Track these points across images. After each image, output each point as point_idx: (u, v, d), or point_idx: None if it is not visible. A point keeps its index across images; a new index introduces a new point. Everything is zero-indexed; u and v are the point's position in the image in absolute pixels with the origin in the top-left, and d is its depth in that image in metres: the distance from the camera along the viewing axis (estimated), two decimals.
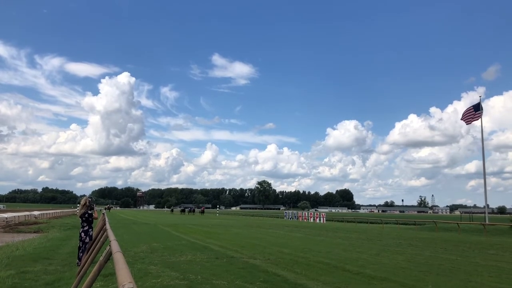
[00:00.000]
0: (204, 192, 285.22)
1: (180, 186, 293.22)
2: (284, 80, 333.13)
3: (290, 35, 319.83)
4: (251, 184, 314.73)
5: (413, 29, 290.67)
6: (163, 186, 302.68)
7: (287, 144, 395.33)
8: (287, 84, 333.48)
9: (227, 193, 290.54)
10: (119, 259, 2.95)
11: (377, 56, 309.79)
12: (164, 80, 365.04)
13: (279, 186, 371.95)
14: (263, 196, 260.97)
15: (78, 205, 26.16)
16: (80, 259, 10.83)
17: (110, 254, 3.77)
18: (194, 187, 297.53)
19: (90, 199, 11.91)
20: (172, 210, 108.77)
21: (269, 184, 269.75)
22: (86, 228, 11.23)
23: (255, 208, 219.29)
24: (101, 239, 7.01)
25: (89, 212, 11.42)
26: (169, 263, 11.55)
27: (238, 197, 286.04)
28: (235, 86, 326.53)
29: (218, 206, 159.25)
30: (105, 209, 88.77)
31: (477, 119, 43.70)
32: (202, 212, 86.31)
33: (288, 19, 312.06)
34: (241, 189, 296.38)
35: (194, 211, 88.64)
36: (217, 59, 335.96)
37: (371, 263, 12.70)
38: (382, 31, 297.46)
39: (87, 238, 11.07)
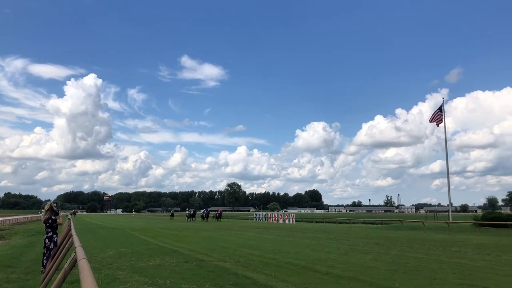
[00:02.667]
0: (173, 195, 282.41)
1: (148, 190, 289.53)
2: (254, 82, 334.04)
3: (259, 37, 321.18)
4: (221, 186, 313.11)
5: (379, 32, 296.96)
6: (131, 189, 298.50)
7: (257, 146, 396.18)
8: (257, 86, 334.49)
9: (197, 195, 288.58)
10: (84, 266, 2.89)
11: (344, 58, 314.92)
12: (131, 82, 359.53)
13: (249, 188, 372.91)
14: (233, 198, 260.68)
15: (42, 210, 25.47)
16: (44, 266, 10.53)
17: (75, 261, 3.68)
18: (163, 190, 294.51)
19: (55, 204, 11.60)
20: (172, 215, 78.25)
21: (239, 186, 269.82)
22: (50, 234, 10.92)
23: (225, 210, 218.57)
24: (66, 245, 6.84)
25: (53, 217, 11.11)
26: (137, 268, 11.37)
27: (208, 199, 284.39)
28: (204, 88, 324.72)
29: (187, 209, 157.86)
30: (71, 214, 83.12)
31: (439, 121, 45.11)
32: (219, 217, 62.01)
33: (258, 21, 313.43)
34: (211, 192, 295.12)
35: (207, 216, 62.23)
36: (186, 60, 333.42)
37: (340, 262, 12.86)
38: (350, 34, 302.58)
39: (52, 244, 10.76)
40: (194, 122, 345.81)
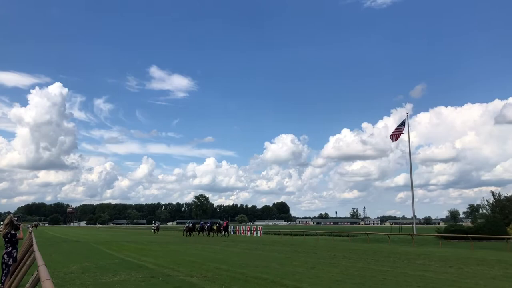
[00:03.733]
0: (139, 208, 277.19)
1: (113, 202, 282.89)
2: (223, 93, 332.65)
3: (229, 48, 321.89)
4: (189, 198, 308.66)
5: (346, 48, 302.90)
6: (95, 201, 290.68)
7: (225, 158, 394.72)
8: (226, 97, 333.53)
9: (163, 208, 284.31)
10: None
11: (312, 72, 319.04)
12: (98, 91, 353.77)
13: (217, 200, 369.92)
14: (201, 211, 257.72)
15: (1, 223, 24.40)
16: (3, 284, 10.10)
17: (37, 281, 3.55)
18: (129, 202, 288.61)
19: (16, 218, 11.18)
20: (157, 229, 68.37)
21: (206, 198, 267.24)
22: (9, 249, 10.48)
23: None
24: (27, 262, 6.59)
25: (13, 232, 10.70)
26: (101, 284, 11.07)
27: (174, 212, 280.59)
28: (173, 99, 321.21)
29: (153, 221, 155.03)
30: (32, 226, 79.50)
31: (402, 134, 46.49)
32: (226, 230, 52.12)
33: (227, 33, 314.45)
34: (178, 204, 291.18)
35: (211, 229, 53.26)
36: (155, 71, 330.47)
37: (307, 276, 12.89)
38: (318, 49, 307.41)
39: (11, 260, 10.33)
40: (162, 133, 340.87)
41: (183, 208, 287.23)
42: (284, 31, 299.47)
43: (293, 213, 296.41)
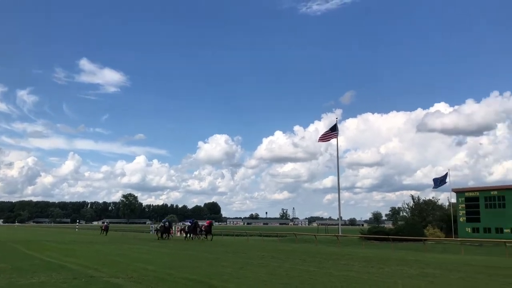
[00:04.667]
0: (63, 205, 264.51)
1: (35, 199, 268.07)
2: (157, 90, 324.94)
3: (164, 45, 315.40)
4: (116, 197, 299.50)
5: (280, 53, 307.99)
6: (15, 198, 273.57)
7: (156, 156, 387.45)
8: (160, 94, 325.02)
9: (89, 206, 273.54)
10: None
11: (248, 74, 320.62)
12: (22, 82, 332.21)
13: (147, 200, 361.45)
14: (129, 210, 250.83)
15: None
16: None
17: None
18: (52, 200, 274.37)
19: None
20: (105, 230, 56.95)
21: (135, 197, 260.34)
22: None
23: (120, 223, 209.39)
24: None
25: None
26: (17, 287, 10.42)
27: (101, 210, 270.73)
28: (103, 94, 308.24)
29: (78, 220, 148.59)
30: None
31: (334, 138, 48.17)
32: (209, 231, 41.27)
33: (162, 29, 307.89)
34: (105, 202, 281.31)
35: (195, 230, 41.83)
36: (85, 63, 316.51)
37: (235, 277, 12.94)
38: (253, 51, 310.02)
39: None
40: (90, 128, 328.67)
41: (110, 207, 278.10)
42: (220, 32, 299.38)
43: (224, 213, 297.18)
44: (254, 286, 11.27)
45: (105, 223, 57.40)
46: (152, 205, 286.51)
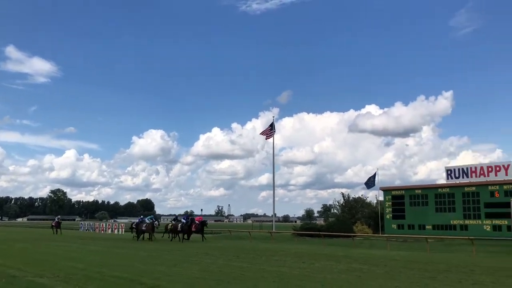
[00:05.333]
0: None
1: None
2: (90, 81, 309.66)
3: (98, 34, 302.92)
4: (44, 192, 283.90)
5: (219, 49, 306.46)
6: None
7: (88, 151, 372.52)
8: (93, 86, 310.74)
9: (13, 202, 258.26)
10: None
11: (186, 69, 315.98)
12: None
13: (76, 195, 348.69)
14: (57, 206, 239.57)
15: None
16: None
17: None
18: None
19: None
20: (57, 226, 47.04)
21: (64, 193, 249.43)
22: None
23: (47, 219, 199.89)
24: None
25: None
26: None
27: (26, 207, 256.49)
28: (32, 84, 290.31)
29: (0, 217, 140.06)
30: None
31: (271, 137, 48.75)
32: (201, 230, 34.26)
33: (97, 17, 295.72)
34: (31, 198, 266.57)
35: (189, 228, 33.70)
36: (12, 51, 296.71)
37: (167, 274, 12.80)
38: (192, 46, 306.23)
39: None
40: (16, 120, 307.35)
41: (36, 203, 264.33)
42: (158, 25, 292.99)
43: (158, 210, 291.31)
44: (186, 282, 11.22)
45: (56, 219, 48.12)
46: (82, 201, 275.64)
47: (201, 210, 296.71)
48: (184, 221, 34.39)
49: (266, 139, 49.82)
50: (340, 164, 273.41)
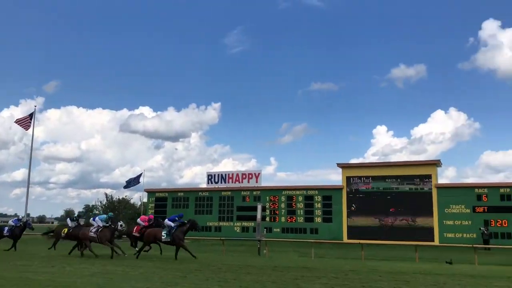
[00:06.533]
0: None
1: None
2: None
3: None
4: None
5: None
6: None
7: None
8: None
9: None
10: None
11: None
12: None
13: None
14: None
15: None
16: None
17: None
18: None
19: None
20: (52, 233, 24.48)
21: None
22: None
23: None
24: None
25: None
26: None
27: None
28: None
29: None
30: None
31: (29, 127, 44.01)
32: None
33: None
34: None
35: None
36: None
37: None
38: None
39: None
40: None
41: None
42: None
43: None
44: None
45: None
46: None
47: None
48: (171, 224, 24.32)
49: (26, 129, 44.70)
50: (108, 163, 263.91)
